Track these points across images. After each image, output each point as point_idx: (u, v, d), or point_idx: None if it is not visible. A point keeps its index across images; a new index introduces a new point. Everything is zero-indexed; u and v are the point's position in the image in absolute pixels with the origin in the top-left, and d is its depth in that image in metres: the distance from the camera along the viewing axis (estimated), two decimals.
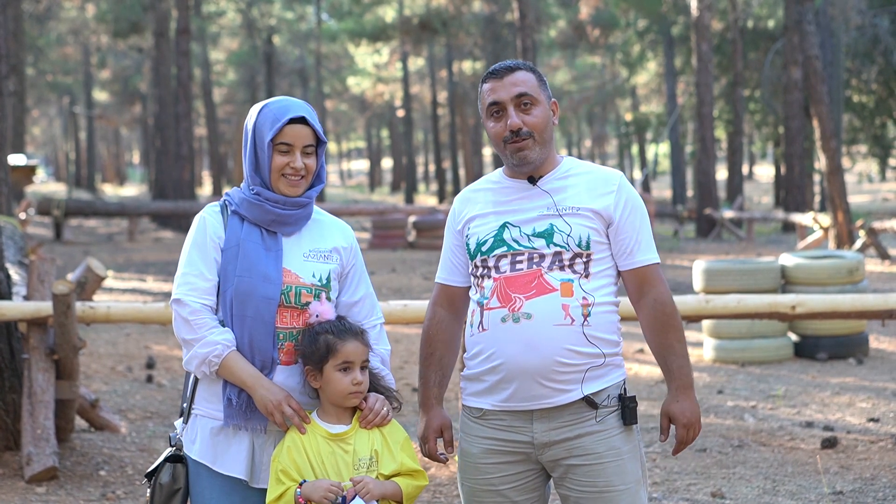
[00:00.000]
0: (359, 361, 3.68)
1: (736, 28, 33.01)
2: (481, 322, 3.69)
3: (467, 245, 3.80)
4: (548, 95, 3.78)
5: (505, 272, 3.67)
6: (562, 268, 3.65)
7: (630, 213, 3.72)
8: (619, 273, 3.77)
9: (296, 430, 3.66)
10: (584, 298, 3.63)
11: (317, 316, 3.72)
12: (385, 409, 3.72)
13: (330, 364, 3.66)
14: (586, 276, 3.66)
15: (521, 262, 3.67)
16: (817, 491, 6.79)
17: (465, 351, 3.82)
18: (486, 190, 3.84)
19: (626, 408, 3.68)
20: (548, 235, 3.66)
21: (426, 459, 7.27)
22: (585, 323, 3.62)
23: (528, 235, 3.69)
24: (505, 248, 3.70)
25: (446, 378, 3.89)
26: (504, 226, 3.72)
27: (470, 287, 3.83)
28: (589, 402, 3.64)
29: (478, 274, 3.75)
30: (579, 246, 3.66)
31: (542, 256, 3.66)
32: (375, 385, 3.78)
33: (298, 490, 3.57)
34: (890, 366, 11.12)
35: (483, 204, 3.80)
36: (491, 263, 3.71)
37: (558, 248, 3.65)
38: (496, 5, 40.89)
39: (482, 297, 3.71)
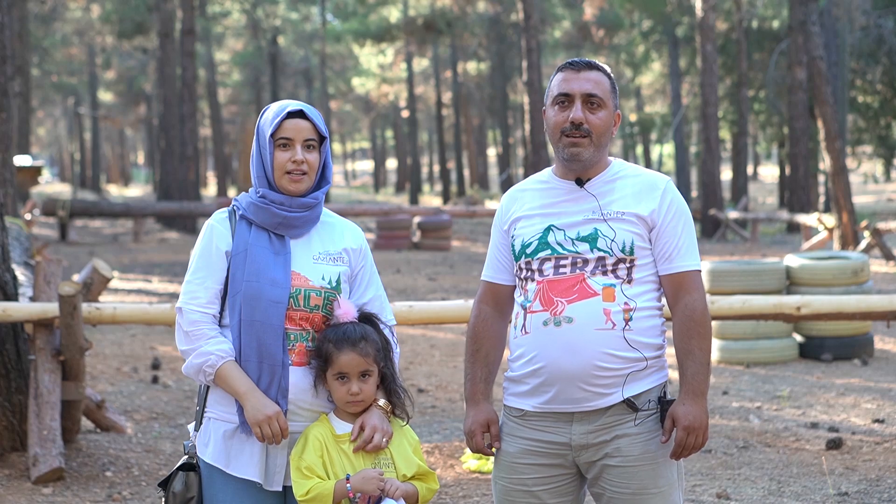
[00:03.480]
0: (355, 372, 3.68)
1: (740, 28, 33.00)
2: (524, 325, 3.70)
3: (512, 246, 3.80)
4: (615, 104, 3.78)
5: (548, 275, 3.68)
6: (605, 273, 3.65)
7: (673, 219, 3.71)
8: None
9: (316, 428, 3.68)
10: (625, 303, 3.63)
11: (337, 318, 3.74)
12: (382, 439, 3.70)
13: (329, 372, 3.69)
14: (629, 282, 3.66)
15: (564, 266, 3.67)
16: (822, 492, 6.79)
17: (509, 352, 3.83)
18: (534, 190, 3.83)
19: (666, 411, 3.67)
20: (592, 240, 3.67)
21: (431, 460, 7.29)
22: (627, 327, 3.62)
23: (572, 239, 3.68)
24: (549, 252, 3.70)
25: (492, 374, 3.89)
26: (549, 229, 3.72)
27: (515, 285, 3.83)
28: (629, 404, 3.65)
29: (522, 276, 3.76)
30: (623, 251, 3.66)
31: (586, 261, 3.66)
32: (387, 386, 3.80)
33: (348, 485, 3.59)
34: (895, 366, 11.11)
35: (530, 204, 3.80)
36: (535, 266, 3.71)
37: (602, 254, 3.66)
38: (501, 6, 40.92)
39: (525, 300, 3.72)
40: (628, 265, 3.67)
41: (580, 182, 3.75)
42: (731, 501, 6.65)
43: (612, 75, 3.81)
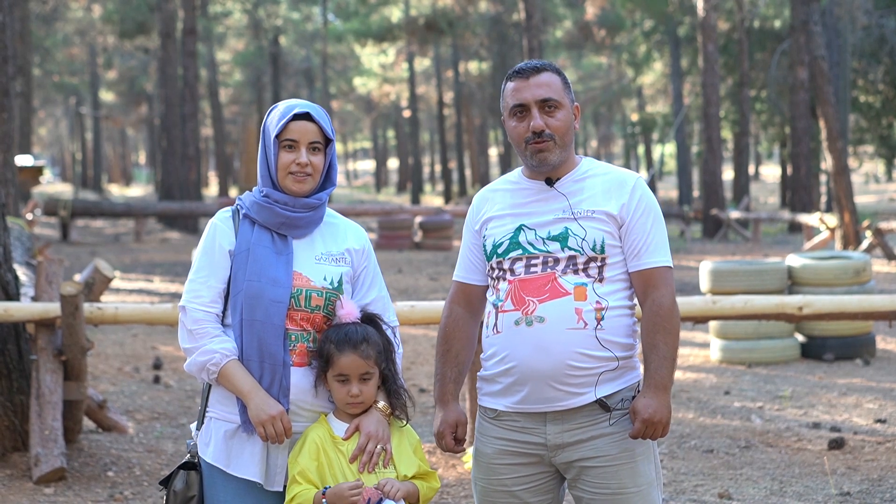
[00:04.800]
0: (356, 375, 3.67)
1: (742, 28, 32.98)
2: (496, 324, 3.71)
3: (484, 246, 3.80)
4: (571, 99, 3.77)
5: (519, 275, 3.68)
6: (576, 271, 3.65)
7: (642, 215, 3.70)
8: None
9: (314, 431, 3.68)
10: (597, 302, 3.63)
11: (339, 318, 3.73)
12: (378, 447, 3.70)
13: (329, 373, 3.68)
14: (600, 280, 3.66)
15: (535, 265, 3.67)
16: (824, 492, 6.79)
17: (481, 351, 3.82)
18: (505, 190, 3.84)
19: None
20: (562, 239, 3.67)
21: (433, 460, 7.30)
22: (599, 327, 3.62)
23: (543, 239, 3.69)
24: (520, 251, 3.70)
25: (462, 375, 3.89)
26: (520, 228, 3.72)
27: (487, 286, 3.84)
28: (602, 404, 3.65)
29: (494, 275, 3.76)
30: (594, 250, 3.66)
31: (557, 260, 3.66)
32: (388, 387, 3.79)
33: (324, 501, 3.59)
34: None
35: (501, 205, 3.80)
36: (506, 266, 3.71)
37: (573, 252, 3.66)
38: (502, 5, 40.89)
39: (497, 299, 3.72)
40: (599, 264, 3.67)
41: (550, 181, 3.75)
42: (733, 501, 6.65)
43: (560, 71, 3.79)
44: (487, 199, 3.87)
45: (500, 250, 3.74)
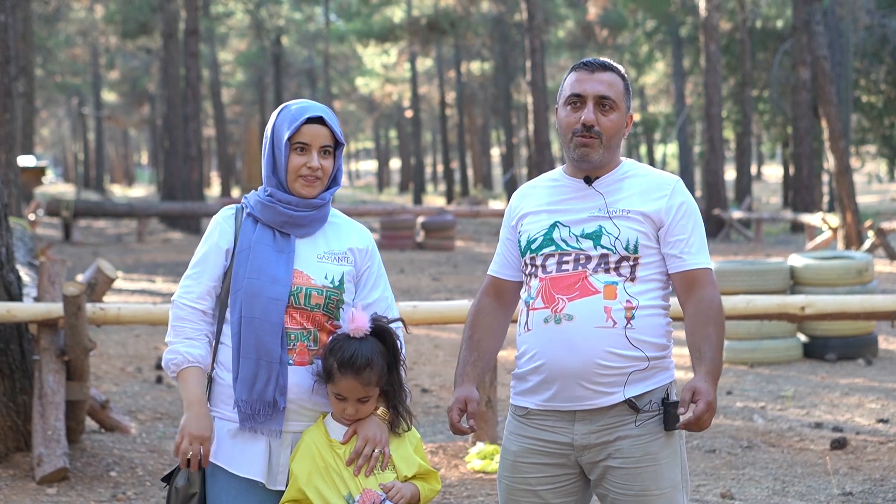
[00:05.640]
0: (354, 398, 3.66)
1: (744, 28, 32.98)
2: (527, 322, 3.71)
3: (519, 241, 3.81)
4: (628, 106, 3.77)
5: (551, 272, 3.68)
6: (607, 270, 3.64)
7: (682, 217, 3.70)
8: (668, 276, 3.73)
9: (308, 435, 3.68)
10: (628, 301, 3.62)
11: (349, 331, 3.70)
12: (375, 450, 3.69)
13: (329, 387, 3.68)
14: (632, 280, 3.65)
15: (567, 262, 3.67)
16: (826, 492, 6.79)
17: (516, 349, 3.83)
18: (544, 187, 3.84)
19: (668, 413, 3.63)
20: (595, 237, 3.66)
21: (435, 460, 7.29)
22: (628, 326, 3.60)
23: (576, 236, 3.68)
24: (553, 248, 3.70)
25: (483, 360, 3.86)
26: (554, 225, 3.72)
27: (520, 282, 3.84)
28: (631, 405, 3.63)
29: (527, 272, 3.76)
30: (626, 249, 3.65)
31: (589, 258, 3.66)
32: (390, 402, 3.76)
33: None
34: None
35: (538, 201, 3.80)
36: (539, 262, 3.71)
37: (605, 251, 3.65)
38: (504, 6, 40.92)
39: (529, 297, 3.72)
40: (632, 263, 3.66)
41: (588, 180, 3.75)
42: (736, 501, 6.65)
43: (626, 76, 3.80)
44: (526, 195, 3.87)
45: (533, 246, 3.74)
